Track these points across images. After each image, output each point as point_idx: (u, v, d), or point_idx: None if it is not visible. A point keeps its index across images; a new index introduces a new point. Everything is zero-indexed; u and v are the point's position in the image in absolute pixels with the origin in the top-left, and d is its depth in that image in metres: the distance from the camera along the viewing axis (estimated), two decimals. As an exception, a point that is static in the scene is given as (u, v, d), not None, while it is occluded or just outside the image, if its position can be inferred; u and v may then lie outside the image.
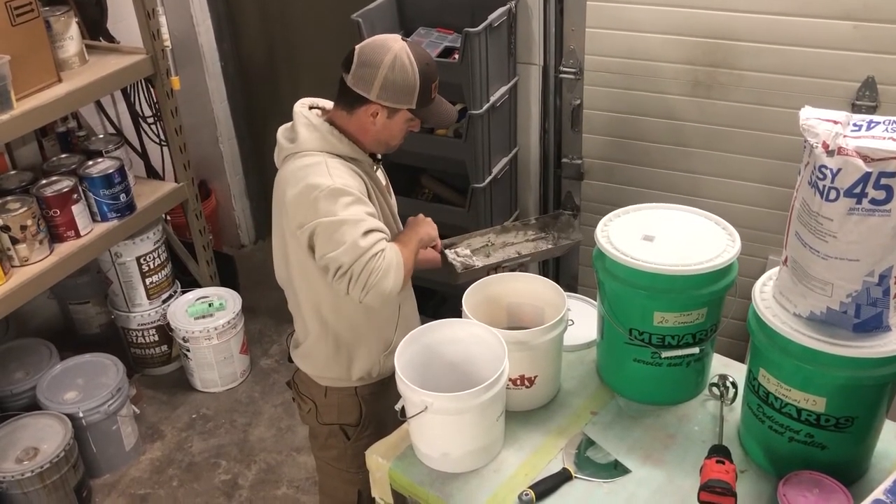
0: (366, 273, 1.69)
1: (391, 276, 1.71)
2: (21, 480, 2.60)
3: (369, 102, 1.78)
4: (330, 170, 1.74)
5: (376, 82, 1.75)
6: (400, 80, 1.75)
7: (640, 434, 1.83)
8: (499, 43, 2.78)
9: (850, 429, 1.57)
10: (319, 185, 1.71)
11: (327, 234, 1.71)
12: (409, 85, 1.76)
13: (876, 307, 1.48)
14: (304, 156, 1.78)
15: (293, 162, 1.79)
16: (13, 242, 2.64)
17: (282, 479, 2.98)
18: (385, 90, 1.76)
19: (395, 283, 1.72)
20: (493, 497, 1.68)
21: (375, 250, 1.69)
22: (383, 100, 1.77)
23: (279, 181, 1.83)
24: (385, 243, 1.73)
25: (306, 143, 1.78)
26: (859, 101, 2.52)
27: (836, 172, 1.40)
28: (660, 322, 1.78)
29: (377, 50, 1.76)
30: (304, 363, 2.03)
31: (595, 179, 3.14)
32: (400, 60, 1.74)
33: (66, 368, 3.01)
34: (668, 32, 2.72)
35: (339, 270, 1.71)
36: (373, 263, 1.68)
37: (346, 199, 1.71)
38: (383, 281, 1.70)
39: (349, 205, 1.71)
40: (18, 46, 2.54)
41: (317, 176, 1.73)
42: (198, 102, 3.85)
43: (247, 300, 3.45)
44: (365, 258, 1.68)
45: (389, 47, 1.75)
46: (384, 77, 1.74)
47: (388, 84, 1.75)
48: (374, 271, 1.69)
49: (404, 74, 1.75)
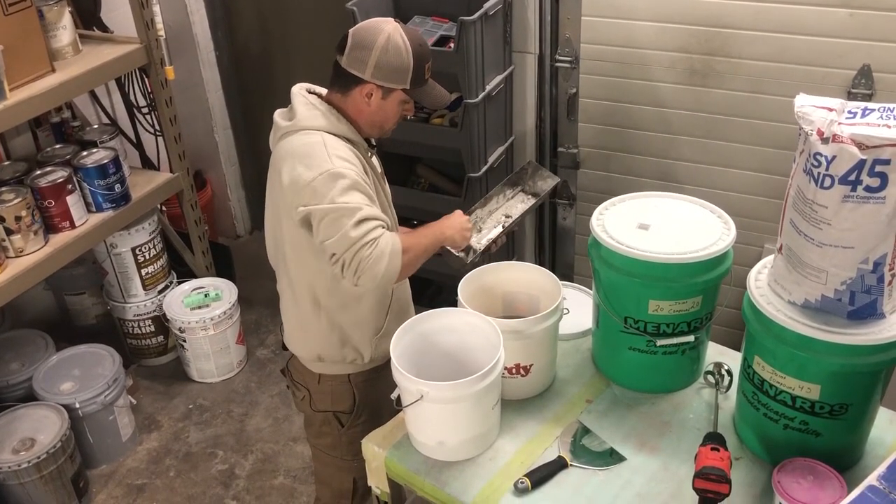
0: (356, 261, 1.70)
1: (384, 263, 1.71)
2: (18, 471, 2.60)
3: (364, 83, 1.78)
4: (328, 149, 1.74)
5: (370, 62, 1.75)
6: (394, 61, 1.75)
7: (636, 422, 1.84)
8: (494, 31, 2.77)
9: (845, 416, 1.58)
10: (318, 166, 1.71)
11: (323, 220, 1.71)
12: (403, 65, 1.76)
13: (870, 294, 1.48)
14: (303, 133, 1.77)
15: (291, 139, 1.78)
16: (8, 233, 2.63)
17: (279, 469, 2.98)
18: (379, 70, 1.76)
19: (388, 270, 1.72)
20: (488, 485, 1.69)
21: (367, 239, 1.70)
22: (377, 79, 1.77)
23: (275, 159, 1.82)
24: (380, 230, 1.73)
25: (305, 121, 1.78)
26: (855, 88, 2.51)
27: (831, 160, 1.40)
28: (655, 310, 1.78)
29: (371, 31, 1.76)
30: (295, 344, 2.03)
31: (591, 168, 3.14)
32: (393, 41, 1.75)
33: (63, 359, 3.01)
34: (664, 21, 2.71)
35: (333, 257, 1.72)
36: (364, 252, 1.69)
37: (343, 182, 1.71)
38: (375, 267, 1.70)
39: (346, 190, 1.71)
40: (11, 36, 2.52)
41: (315, 157, 1.73)
42: (192, 92, 3.83)
43: (243, 290, 3.45)
44: (356, 247, 1.69)
45: (382, 29, 1.76)
46: (378, 57, 1.75)
47: (383, 64, 1.75)
48: (365, 259, 1.69)
49: (398, 54, 1.75)
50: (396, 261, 1.73)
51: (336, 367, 2.00)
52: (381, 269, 1.71)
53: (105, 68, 2.89)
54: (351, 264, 1.70)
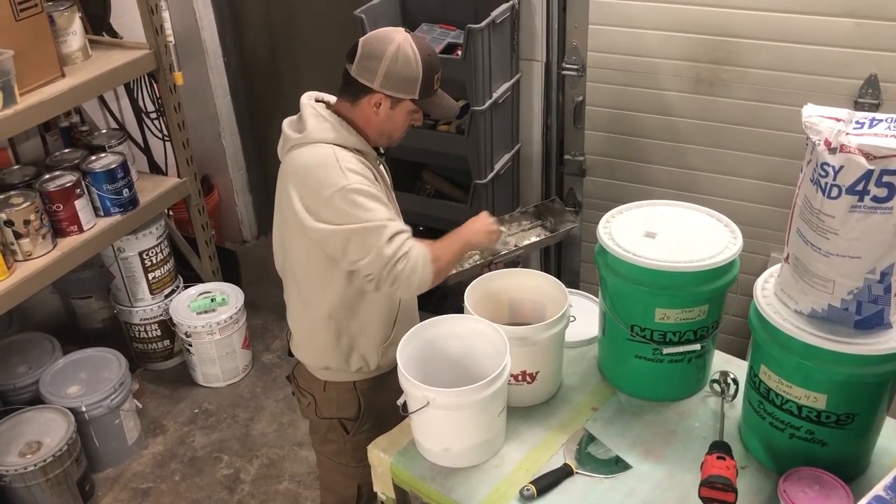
0: (391, 276, 1.76)
1: (417, 274, 1.77)
2: (24, 474, 2.61)
3: (373, 92, 1.79)
4: (340, 163, 1.75)
5: (380, 72, 1.76)
6: (403, 71, 1.76)
7: (641, 430, 1.83)
8: (502, 39, 2.78)
9: (851, 425, 1.58)
10: (333, 183, 1.72)
11: (351, 241, 1.74)
12: (413, 75, 1.77)
13: (877, 304, 1.48)
14: (313, 146, 1.78)
15: (301, 151, 1.79)
16: (16, 237, 2.64)
17: (283, 474, 2.98)
18: (388, 80, 1.76)
19: (422, 280, 1.79)
20: (494, 492, 1.69)
21: (399, 255, 1.75)
22: (387, 89, 1.78)
23: (285, 171, 1.83)
24: (410, 243, 1.78)
25: (315, 133, 1.79)
26: (862, 98, 2.52)
27: (838, 170, 1.40)
28: (661, 318, 1.78)
29: (381, 41, 1.77)
30: (303, 352, 2.04)
31: (597, 176, 3.14)
32: (403, 51, 1.75)
33: (69, 363, 3.02)
34: (671, 29, 2.72)
35: (369, 276, 1.78)
36: (398, 267, 1.75)
37: (360, 198, 1.73)
38: (410, 279, 1.77)
39: (365, 206, 1.74)
40: (22, 41, 2.54)
41: (328, 171, 1.74)
42: (200, 98, 3.85)
43: (249, 295, 3.46)
44: (390, 265, 1.75)
45: (393, 38, 1.77)
46: (388, 67, 1.75)
47: (392, 74, 1.76)
48: (400, 273, 1.76)
49: (407, 64, 1.76)
50: (428, 270, 1.79)
51: (342, 374, 2.01)
52: (416, 280, 1.78)
53: (114, 74, 2.90)
54: (387, 279, 1.76)
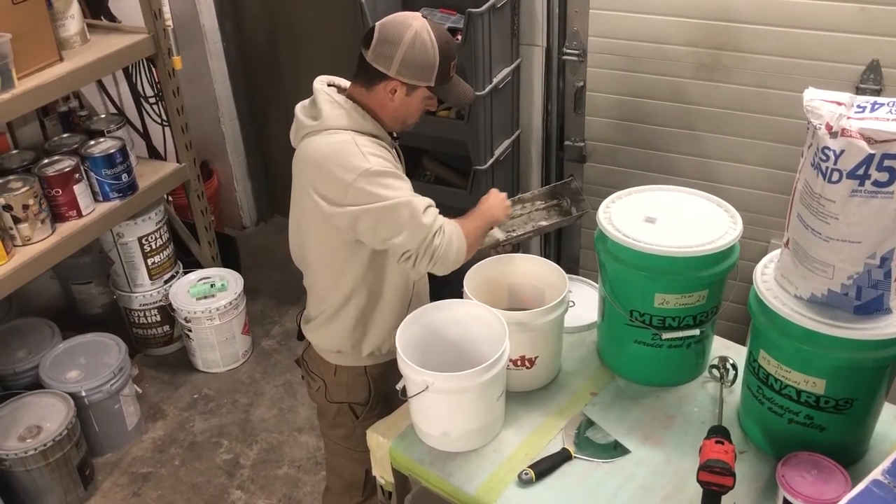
0: (430, 251, 1.76)
1: (454, 248, 1.79)
2: (24, 458, 2.62)
3: (388, 79, 1.77)
4: (361, 148, 1.74)
5: (396, 59, 1.74)
6: (420, 58, 1.75)
7: (640, 415, 1.84)
8: (502, 24, 2.76)
9: (850, 411, 1.58)
10: (356, 167, 1.71)
11: (382, 219, 1.73)
12: (429, 62, 1.76)
13: (877, 289, 1.48)
14: (330, 133, 1.77)
15: (317, 139, 1.77)
16: (15, 222, 2.64)
17: (283, 459, 2.99)
18: (405, 67, 1.75)
19: (458, 254, 1.80)
20: (492, 476, 1.69)
21: (436, 228, 1.76)
22: (402, 76, 1.77)
23: (302, 158, 1.81)
24: (442, 218, 1.79)
25: (331, 120, 1.77)
26: (864, 84, 2.50)
27: (839, 154, 1.39)
28: (661, 304, 1.78)
29: (398, 27, 1.75)
30: (317, 336, 2.02)
31: (597, 162, 3.13)
32: (420, 38, 1.74)
33: (69, 348, 3.03)
34: (672, 14, 2.71)
35: (406, 254, 1.77)
36: (436, 241, 1.76)
37: (385, 179, 1.73)
38: (447, 253, 1.78)
39: (393, 184, 1.74)
40: (20, 25, 2.52)
41: (349, 157, 1.73)
42: (199, 82, 3.83)
43: (248, 281, 3.46)
44: (428, 238, 1.75)
45: (410, 24, 1.75)
46: (404, 54, 1.74)
47: (408, 61, 1.75)
48: (438, 247, 1.76)
49: (424, 52, 1.75)
50: (463, 244, 1.81)
51: (354, 359, 2.00)
52: (452, 255, 1.80)
53: (113, 58, 2.89)
54: (424, 256, 1.77)
